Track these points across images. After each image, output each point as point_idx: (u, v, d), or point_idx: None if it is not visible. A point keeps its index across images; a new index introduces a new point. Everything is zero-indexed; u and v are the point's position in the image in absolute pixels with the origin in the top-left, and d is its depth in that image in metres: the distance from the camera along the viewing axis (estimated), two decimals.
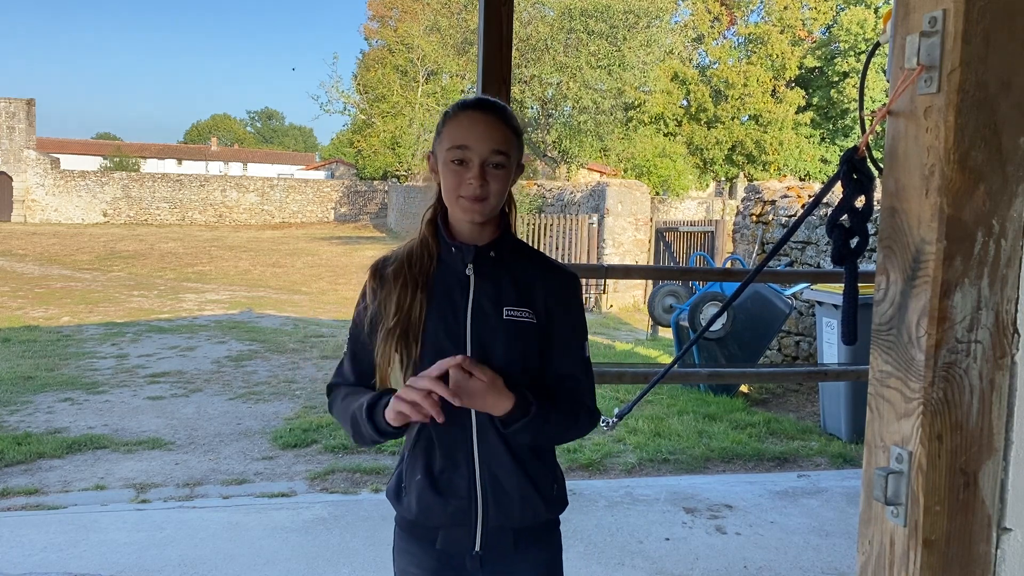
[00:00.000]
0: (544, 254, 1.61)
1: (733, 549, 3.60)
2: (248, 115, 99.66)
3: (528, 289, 1.50)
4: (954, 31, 0.92)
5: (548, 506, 1.53)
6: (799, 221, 1.26)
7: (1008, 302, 0.96)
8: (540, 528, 1.55)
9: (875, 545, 1.04)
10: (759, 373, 5.04)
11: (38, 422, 5.78)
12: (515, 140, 1.48)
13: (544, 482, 1.53)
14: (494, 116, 1.46)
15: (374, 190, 38.86)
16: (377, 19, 38.50)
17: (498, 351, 1.45)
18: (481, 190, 1.43)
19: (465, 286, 1.49)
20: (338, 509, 3.96)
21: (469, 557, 1.50)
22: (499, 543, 1.50)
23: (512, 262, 1.52)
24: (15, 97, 34.35)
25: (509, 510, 1.49)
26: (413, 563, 1.55)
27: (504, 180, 1.46)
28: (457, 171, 1.44)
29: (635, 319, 12.43)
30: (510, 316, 1.47)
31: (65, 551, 3.39)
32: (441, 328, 1.46)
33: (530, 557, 1.54)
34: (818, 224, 7.50)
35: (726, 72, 31.91)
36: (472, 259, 1.49)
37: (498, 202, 1.46)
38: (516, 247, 1.55)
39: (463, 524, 1.49)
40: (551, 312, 1.51)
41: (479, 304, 1.48)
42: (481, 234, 1.50)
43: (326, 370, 7.83)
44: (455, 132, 1.45)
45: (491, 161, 1.43)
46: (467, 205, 1.44)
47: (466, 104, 1.49)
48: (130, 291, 14.10)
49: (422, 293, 1.47)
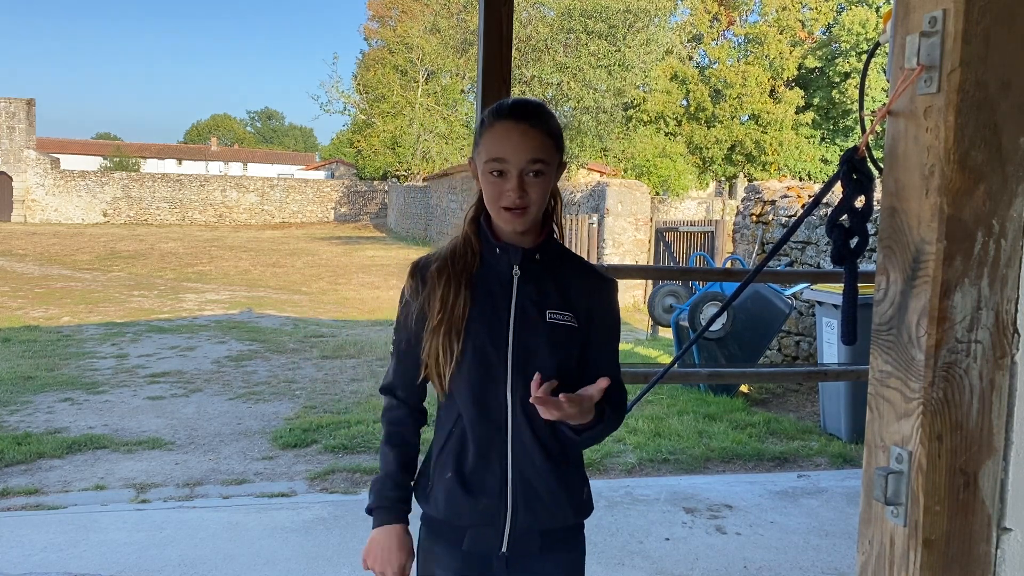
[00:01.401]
0: (582, 258, 1.64)
1: (733, 549, 3.60)
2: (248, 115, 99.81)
3: (569, 292, 1.51)
4: (954, 31, 0.92)
5: (576, 510, 1.54)
6: (799, 221, 1.26)
7: (1008, 302, 0.96)
8: (567, 531, 1.55)
9: (875, 545, 1.04)
10: (759, 373, 5.04)
11: (38, 422, 5.78)
12: (553, 143, 1.47)
13: (574, 486, 1.53)
14: (528, 124, 1.45)
15: (374, 190, 38.87)
16: (377, 19, 38.53)
17: (542, 353, 1.46)
18: (521, 200, 1.43)
19: (508, 287, 1.49)
20: (338, 509, 3.96)
21: (496, 558, 1.50)
22: (526, 545, 1.50)
23: (555, 265, 1.53)
24: (15, 97, 34.37)
25: (538, 512, 1.49)
26: (438, 565, 1.54)
27: (544, 187, 1.46)
28: (496, 182, 1.44)
29: (635, 319, 12.43)
30: (553, 319, 1.48)
31: (65, 551, 3.39)
32: (484, 328, 1.47)
33: (554, 559, 1.54)
34: (818, 224, 7.50)
35: (725, 72, 31.91)
36: (519, 261, 1.49)
37: (539, 209, 1.47)
38: (559, 251, 1.56)
39: (492, 524, 1.49)
40: (592, 315, 1.52)
41: (522, 306, 1.48)
42: (524, 236, 1.51)
43: (326, 370, 7.83)
44: (492, 144, 1.45)
45: (529, 170, 1.43)
46: (507, 217, 1.45)
47: (501, 112, 1.47)
48: (130, 291, 14.10)
49: (466, 290, 1.48)
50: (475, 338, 1.46)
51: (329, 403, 6.50)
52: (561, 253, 1.56)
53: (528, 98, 1.68)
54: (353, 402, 6.52)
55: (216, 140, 68.92)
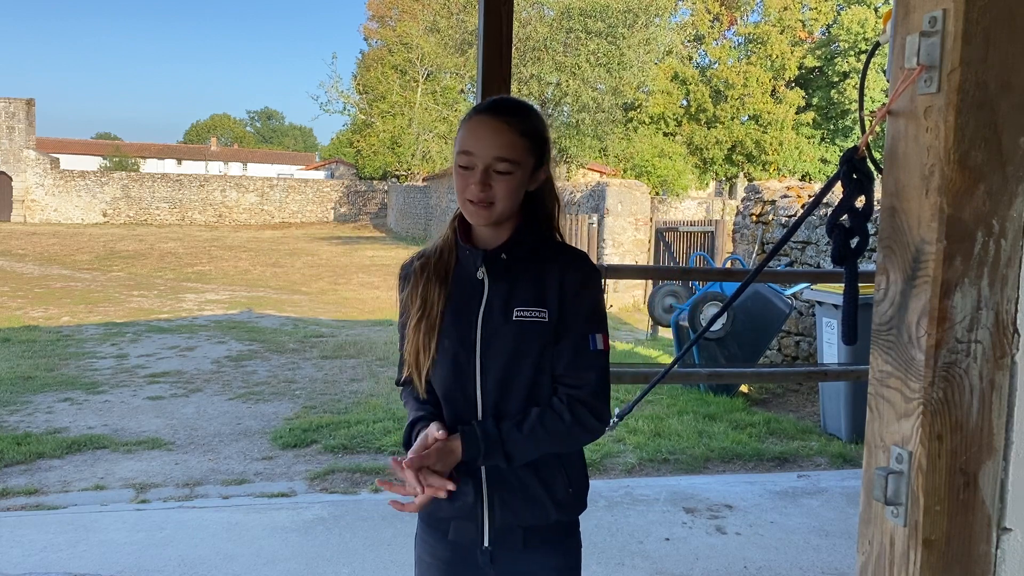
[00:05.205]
0: (565, 245, 1.57)
1: (733, 549, 3.60)
2: (248, 115, 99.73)
3: (544, 287, 1.48)
4: (954, 31, 0.91)
5: (559, 507, 1.53)
6: (799, 221, 1.26)
7: (1008, 302, 0.96)
8: (553, 529, 1.55)
9: (875, 545, 1.04)
10: (759, 373, 5.04)
11: (38, 422, 5.78)
12: (527, 143, 1.46)
13: (556, 483, 1.52)
14: (501, 121, 1.45)
15: (374, 190, 38.86)
16: (377, 19, 38.56)
17: (503, 353, 1.46)
18: (484, 195, 1.43)
19: (479, 287, 1.50)
20: (338, 509, 3.96)
21: (480, 552, 1.52)
22: (508, 540, 1.51)
23: (530, 262, 1.50)
24: (15, 97, 34.33)
25: (515, 509, 1.50)
26: (428, 552, 1.59)
27: (511, 185, 1.44)
28: (463, 175, 1.45)
29: (635, 319, 12.43)
30: (520, 316, 1.47)
31: (65, 551, 3.39)
32: (455, 328, 1.49)
33: (543, 558, 1.54)
34: (818, 224, 7.50)
35: (726, 72, 31.91)
36: (482, 263, 1.49)
37: (507, 206, 1.45)
38: (536, 247, 1.52)
39: (471, 519, 1.51)
40: (562, 304, 1.47)
41: (490, 306, 1.48)
42: (496, 236, 1.51)
43: (326, 370, 7.84)
44: (462, 137, 1.46)
45: (495, 168, 1.43)
46: (472, 209, 1.45)
47: (479, 108, 1.49)
48: (130, 291, 14.10)
49: (443, 288, 1.50)
50: (447, 337, 1.48)
51: (329, 403, 6.50)
52: (539, 248, 1.52)
53: (513, 97, 1.68)
54: (353, 402, 6.52)
55: (216, 140, 68.89)
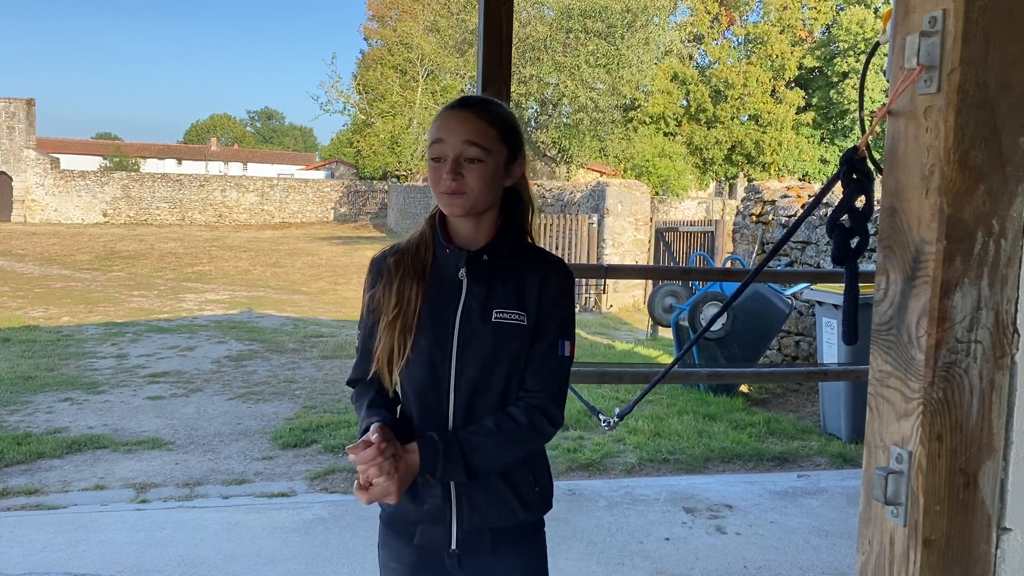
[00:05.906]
0: (544, 251, 1.57)
1: (733, 549, 3.60)
2: (248, 115, 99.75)
3: (522, 289, 1.49)
4: (954, 31, 0.92)
5: (526, 507, 1.53)
6: (799, 221, 1.26)
7: (1008, 302, 0.96)
8: (520, 529, 1.55)
9: (875, 545, 1.04)
10: (759, 373, 5.04)
11: (38, 422, 5.78)
12: (496, 132, 1.46)
13: (522, 483, 1.52)
14: (469, 111, 1.46)
15: (374, 190, 38.85)
16: (377, 19, 38.52)
17: (480, 355, 1.46)
18: (455, 184, 1.43)
19: (458, 288, 1.49)
20: (338, 509, 3.96)
21: (447, 555, 1.51)
22: (476, 543, 1.50)
23: (509, 264, 1.50)
24: (15, 97, 34.32)
25: (484, 511, 1.49)
26: (393, 557, 1.56)
27: (483, 173, 1.44)
28: (436, 167, 1.46)
29: (635, 319, 12.43)
30: (499, 319, 1.46)
31: (65, 551, 3.39)
32: (431, 328, 1.47)
33: (510, 559, 1.54)
34: (818, 224, 7.50)
35: (725, 72, 31.91)
36: (465, 263, 1.49)
37: (480, 196, 1.45)
38: (515, 249, 1.52)
39: (439, 522, 1.50)
40: (540, 310, 1.48)
41: (469, 307, 1.47)
42: (477, 236, 1.50)
43: (326, 370, 7.83)
44: (433, 129, 1.47)
45: (465, 155, 1.43)
46: (445, 200, 1.45)
47: (449, 104, 1.50)
48: (130, 291, 14.10)
49: (419, 285, 1.49)
50: (423, 336, 1.47)
51: (329, 403, 6.50)
52: (518, 250, 1.52)
53: (483, 95, 1.67)
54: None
55: (216, 140, 68.87)
